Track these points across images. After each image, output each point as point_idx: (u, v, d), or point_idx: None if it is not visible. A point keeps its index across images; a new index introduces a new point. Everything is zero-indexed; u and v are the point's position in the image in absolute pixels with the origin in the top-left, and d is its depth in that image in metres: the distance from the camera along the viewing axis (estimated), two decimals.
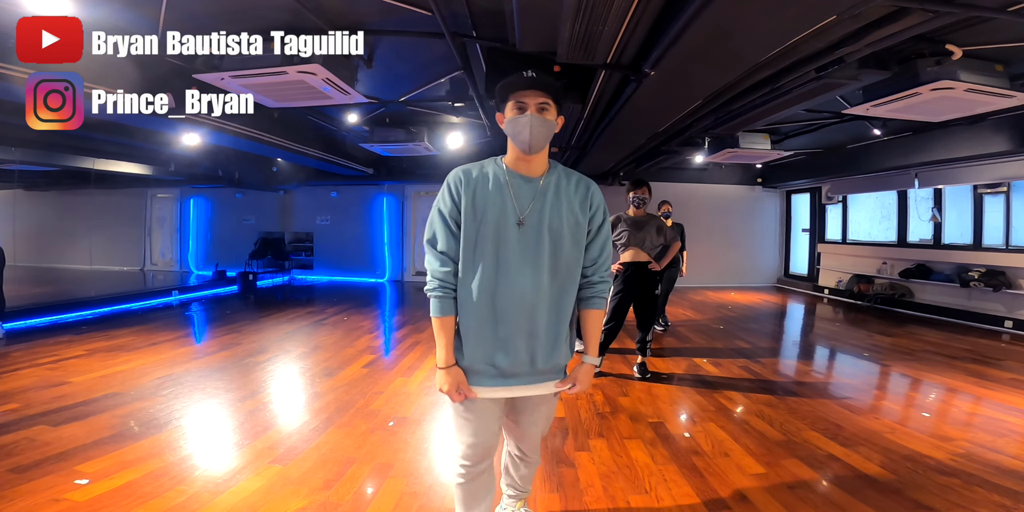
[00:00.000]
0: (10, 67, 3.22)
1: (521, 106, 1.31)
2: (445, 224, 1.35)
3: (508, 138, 1.36)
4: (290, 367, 3.93)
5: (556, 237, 1.33)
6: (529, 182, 1.36)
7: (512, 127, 1.32)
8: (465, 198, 1.33)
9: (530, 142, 1.30)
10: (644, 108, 4.02)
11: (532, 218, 1.33)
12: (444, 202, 1.36)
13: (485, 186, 1.34)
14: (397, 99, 5.06)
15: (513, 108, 1.32)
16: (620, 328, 3.68)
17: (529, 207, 1.34)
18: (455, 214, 1.34)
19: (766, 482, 2.18)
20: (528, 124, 1.29)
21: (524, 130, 1.30)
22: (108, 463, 2.22)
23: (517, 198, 1.34)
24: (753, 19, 2.35)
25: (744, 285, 9.68)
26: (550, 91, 1.31)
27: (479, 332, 1.33)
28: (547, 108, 1.31)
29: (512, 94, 1.32)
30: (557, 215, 1.34)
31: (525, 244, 1.32)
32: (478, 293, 1.32)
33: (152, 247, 10.56)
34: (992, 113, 4.51)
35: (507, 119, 1.33)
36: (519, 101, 1.31)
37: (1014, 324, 5.60)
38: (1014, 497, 2.05)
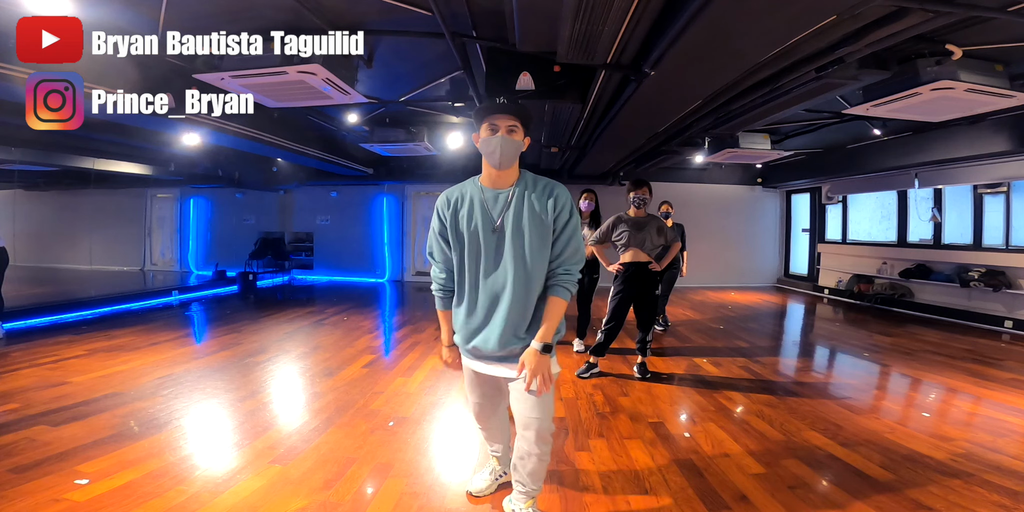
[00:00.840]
0: (10, 67, 3.22)
1: (494, 128, 1.54)
2: (438, 241, 1.69)
3: (482, 157, 1.59)
4: (290, 367, 3.93)
5: (521, 238, 1.57)
6: (500, 194, 1.61)
7: (485, 146, 1.55)
8: (450, 218, 1.63)
9: (500, 159, 1.54)
10: (644, 108, 4.02)
11: (504, 224, 1.58)
12: (435, 223, 1.68)
13: (464, 204, 1.62)
14: (397, 99, 5.06)
15: (487, 129, 1.55)
16: (620, 328, 3.68)
17: (500, 215, 1.58)
18: (444, 232, 1.66)
19: (766, 482, 2.18)
20: (499, 144, 1.53)
21: (496, 149, 1.53)
22: (108, 463, 2.22)
23: (491, 209, 1.60)
24: (753, 19, 2.35)
25: (744, 285, 9.68)
26: (518, 115, 1.55)
27: (464, 321, 1.68)
28: (515, 130, 1.55)
29: (487, 117, 1.55)
30: (521, 219, 1.57)
31: (497, 246, 1.59)
32: (466, 290, 1.65)
33: (152, 247, 10.56)
34: (992, 113, 4.51)
35: (481, 139, 1.57)
36: (492, 123, 1.54)
37: (1014, 324, 5.60)
38: (1014, 497, 2.05)
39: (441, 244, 1.67)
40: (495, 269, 1.59)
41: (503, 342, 1.62)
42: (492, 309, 1.61)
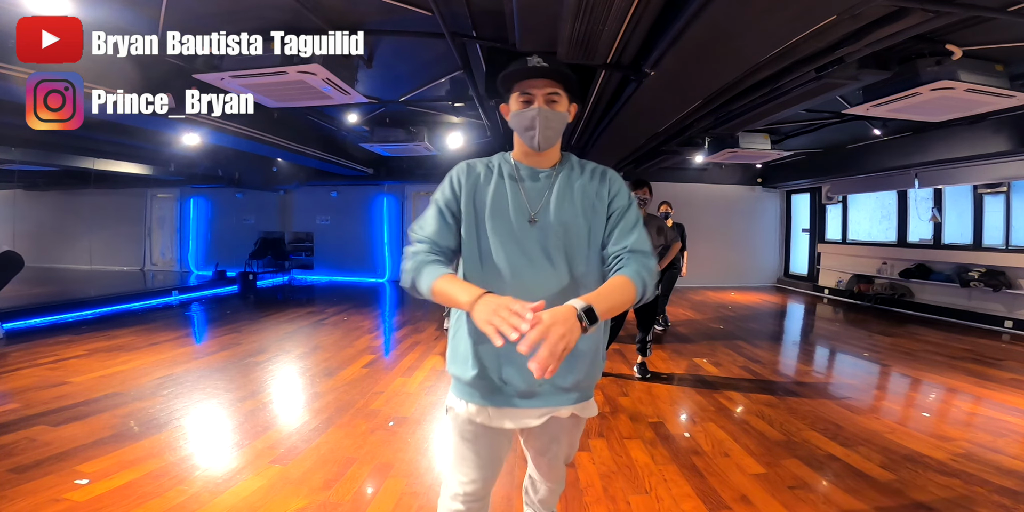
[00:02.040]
0: (10, 67, 3.22)
1: (527, 97, 1.13)
2: (439, 216, 1.16)
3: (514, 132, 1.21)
4: (290, 367, 3.93)
5: (570, 232, 1.15)
6: (540, 175, 1.20)
7: (518, 121, 1.15)
8: (467, 193, 1.17)
9: (538, 139, 1.14)
10: (644, 108, 4.02)
11: (544, 214, 1.15)
12: (443, 192, 1.19)
13: (491, 182, 1.18)
14: (397, 99, 5.06)
15: (518, 100, 1.15)
16: (620, 328, 3.68)
17: (541, 202, 1.17)
18: (453, 206, 1.17)
19: (766, 482, 2.18)
20: (536, 118, 1.12)
21: (533, 125, 1.13)
22: (108, 463, 2.22)
23: (527, 194, 1.18)
24: (753, 19, 2.35)
25: (744, 285, 9.68)
26: (560, 79, 1.13)
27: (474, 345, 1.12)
28: (557, 98, 1.14)
29: (517, 84, 1.15)
30: (571, 207, 1.16)
31: (538, 243, 1.14)
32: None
33: (152, 247, 10.56)
34: (992, 113, 4.51)
35: (512, 112, 1.16)
36: (525, 92, 1.13)
37: (1014, 324, 5.60)
38: (1014, 497, 2.05)
39: (444, 219, 1.16)
40: (530, 272, 1.12)
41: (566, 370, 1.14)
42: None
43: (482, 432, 1.17)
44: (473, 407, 1.15)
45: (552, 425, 1.21)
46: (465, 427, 1.17)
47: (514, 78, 1.15)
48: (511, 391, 1.13)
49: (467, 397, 1.16)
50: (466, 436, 1.18)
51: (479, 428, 1.16)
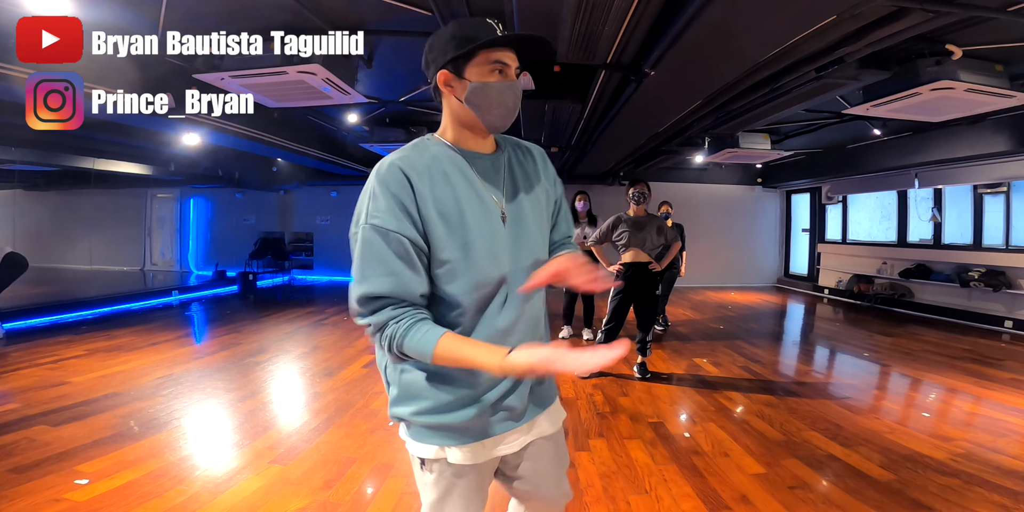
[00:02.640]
0: (10, 67, 3.22)
1: (502, 68, 0.92)
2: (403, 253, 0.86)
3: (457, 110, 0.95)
4: (290, 367, 3.93)
5: (533, 226, 1.01)
6: (492, 161, 1.00)
7: (489, 95, 0.91)
8: (422, 206, 0.88)
9: (509, 119, 0.95)
10: (644, 108, 4.02)
11: (511, 208, 0.98)
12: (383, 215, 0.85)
13: (446, 179, 0.92)
14: (397, 99, 5.06)
15: (490, 71, 0.91)
16: (620, 328, 3.68)
17: (502, 196, 0.98)
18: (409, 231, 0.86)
19: (766, 482, 2.18)
20: (515, 94, 0.94)
21: (508, 101, 0.93)
22: (108, 463, 2.22)
23: (489, 186, 0.96)
24: (753, 19, 2.35)
25: (744, 285, 9.68)
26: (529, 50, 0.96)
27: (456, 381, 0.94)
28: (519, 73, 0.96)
29: (485, 51, 0.91)
30: (530, 194, 1.02)
31: (517, 245, 0.97)
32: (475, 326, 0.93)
33: (152, 247, 10.55)
34: (992, 113, 4.51)
35: (476, 84, 0.91)
36: (498, 61, 0.91)
37: (1014, 324, 5.60)
38: (1014, 497, 2.05)
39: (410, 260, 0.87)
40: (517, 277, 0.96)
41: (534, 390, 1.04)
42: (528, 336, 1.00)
43: (474, 476, 0.99)
44: (469, 448, 0.96)
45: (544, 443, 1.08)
46: (455, 477, 0.98)
47: (492, 42, 0.90)
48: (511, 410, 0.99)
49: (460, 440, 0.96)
50: (457, 484, 0.98)
51: (471, 471, 0.99)
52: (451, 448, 0.96)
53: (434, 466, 0.98)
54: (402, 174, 0.88)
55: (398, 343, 0.85)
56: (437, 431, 0.96)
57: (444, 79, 0.94)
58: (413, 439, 0.98)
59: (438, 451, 0.96)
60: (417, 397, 0.95)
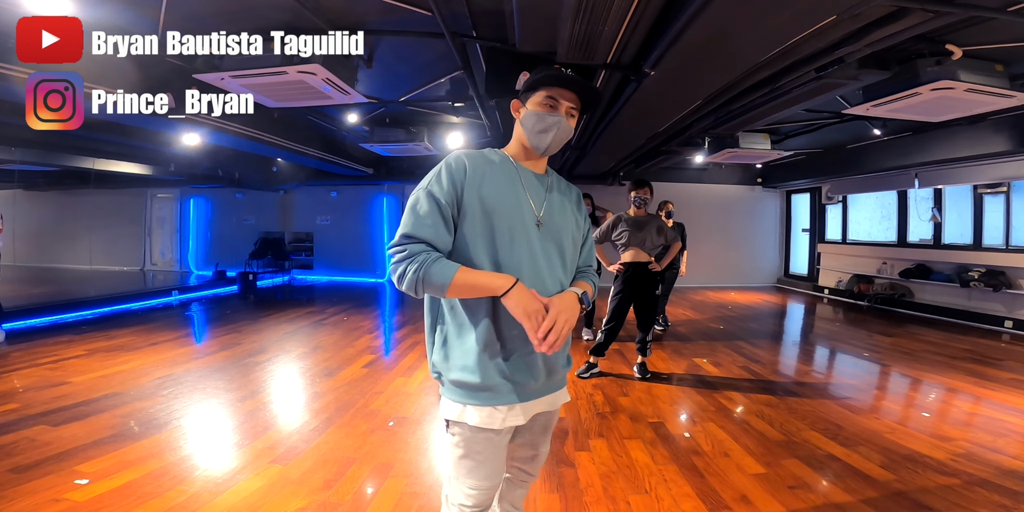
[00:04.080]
0: (10, 67, 3.22)
1: (553, 103, 1.18)
2: (438, 211, 1.10)
3: (518, 131, 1.24)
4: (290, 367, 3.93)
5: (564, 242, 1.22)
6: (538, 179, 1.24)
7: (535, 121, 1.19)
8: (469, 186, 1.13)
9: (549, 144, 1.20)
10: (644, 108, 4.02)
11: (547, 219, 1.20)
12: (440, 185, 1.12)
13: (496, 177, 1.17)
14: (397, 99, 5.06)
15: (543, 103, 1.19)
16: (620, 328, 3.68)
17: (543, 207, 1.20)
18: (452, 201, 1.12)
19: (766, 482, 2.18)
20: (556, 126, 1.18)
21: (550, 130, 1.19)
22: (108, 463, 2.23)
23: (531, 196, 1.20)
24: (753, 19, 2.35)
25: (744, 285, 9.68)
26: (586, 98, 1.21)
27: (491, 345, 1.13)
28: (574, 114, 1.22)
29: (548, 87, 1.19)
30: (565, 218, 1.24)
31: (542, 249, 1.17)
32: (490, 303, 1.12)
33: (152, 247, 10.56)
34: (992, 113, 4.51)
35: (530, 111, 1.20)
36: (552, 97, 1.18)
37: (1014, 324, 5.60)
38: (1014, 497, 2.05)
39: (442, 218, 1.11)
40: (537, 276, 1.15)
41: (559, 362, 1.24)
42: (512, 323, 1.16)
43: (491, 438, 1.15)
44: (485, 411, 1.13)
45: (543, 417, 1.27)
46: (475, 437, 1.14)
47: (549, 81, 1.19)
48: (521, 386, 1.16)
49: (479, 401, 1.13)
50: (475, 447, 1.15)
51: (489, 435, 1.15)
52: (470, 408, 1.13)
53: (456, 427, 1.16)
54: (464, 163, 1.16)
55: (425, 269, 1.05)
56: (460, 389, 1.14)
57: (515, 107, 1.25)
58: (444, 396, 1.18)
59: (460, 412, 1.14)
60: (450, 355, 1.16)
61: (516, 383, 1.15)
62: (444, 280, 1.05)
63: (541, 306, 1.07)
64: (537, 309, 1.06)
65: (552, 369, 1.21)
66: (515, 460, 1.35)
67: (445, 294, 1.07)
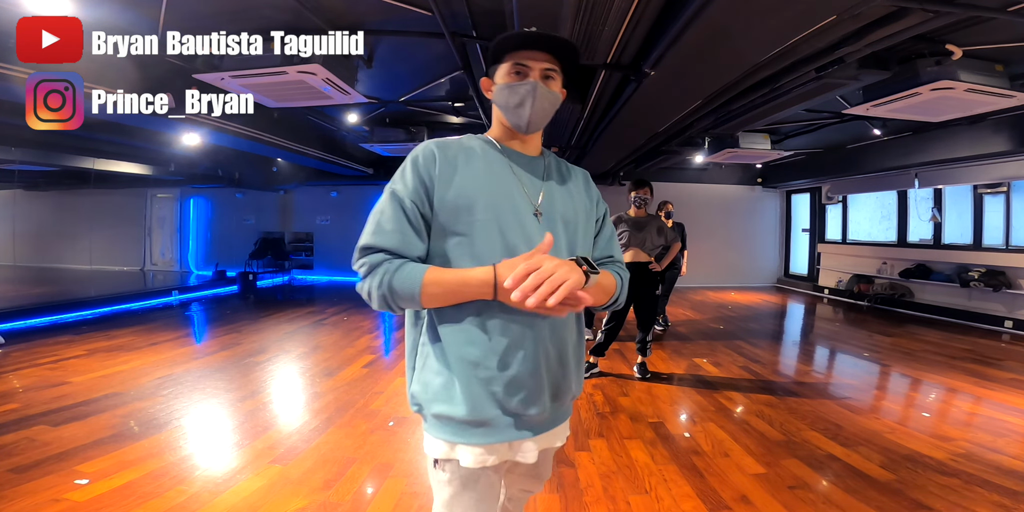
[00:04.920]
0: (10, 67, 3.22)
1: (520, 70, 0.99)
2: (402, 214, 0.92)
3: (496, 112, 1.05)
4: (290, 367, 3.93)
5: (572, 231, 1.03)
6: (531, 161, 1.05)
7: (506, 97, 0.99)
8: (441, 180, 0.94)
9: (529, 118, 0.99)
10: (644, 108, 4.02)
11: (547, 207, 1.01)
12: (405, 182, 0.94)
13: (476, 165, 0.98)
14: (397, 99, 5.06)
15: (510, 72, 0.99)
16: (620, 328, 3.68)
17: (541, 194, 1.01)
18: (422, 200, 0.93)
19: (766, 482, 2.18)
20: (530, 95, 0.97)
21: (525, 102, 0.98)
22: (108, 463, 2.22)
23: (524, 183, 1.01)
24: (753, 19, 2.35)
25: (744, 285, 9.68)
26: (561, 55, 1.00)
27: (484, 368, 0.92)
28: (553, 76, 1.00)
29: (509, 53, 0.99)
30: (570, 203, 1.05)
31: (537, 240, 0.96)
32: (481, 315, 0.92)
33: (152, 247, 10.55)
34: (992, 113, 4.52)
35: (499, 86, 1.00)
36: (519, 63, 0.98)
37: (1014, 324, 5.60)
38: (1014, 497, 2.05)
39: (409, 221, 0.93)
40: None
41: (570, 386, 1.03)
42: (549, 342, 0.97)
43: (489, 476, 0.98)
44: (479, 451, 0.94)
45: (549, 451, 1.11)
46: (470, 476, 0.96)
47: (509, 46, 0.99)
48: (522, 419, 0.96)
49: (471, 440, 0.93)
50: (468, 485, 0.97)
51: (487, 472, 0.97)
52: (461, 447, 0.94)
53: (447, 466, 0.96)
54: (434, 153, 0.97)
55: (389, 278, 0.88)
56: (447, 426, 0.94)
57: (485, 86, 1.05)
58: (428, 432, 0.98)
59: (448, 450, 0.95)
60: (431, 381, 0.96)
61: (516, 415, 0.94)
62: (413, 286, 0.87)
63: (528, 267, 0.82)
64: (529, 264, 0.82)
65: (558, 393, 1.00)
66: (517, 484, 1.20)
67: (420, 304, 0.89)
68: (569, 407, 1.09)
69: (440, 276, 0.89)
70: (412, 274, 0.88)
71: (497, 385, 0.93)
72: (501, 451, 0.96)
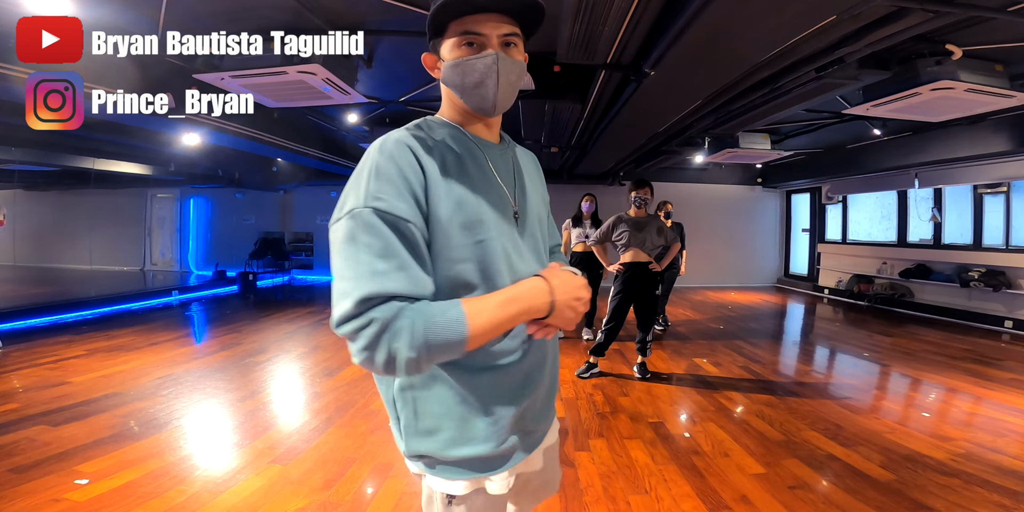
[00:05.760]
0: (10, 67, 3.22)
1: (473, 39, 0.79)
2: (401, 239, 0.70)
3: (447, 94, 0.85)
4: (290, 367, 3.93)
5: (541, 228, 0.94)
6: (503, 154, 0.89)
7: (461, 75, 0.80)
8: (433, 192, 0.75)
9: (495, 98, 0.80)
10: (644, 108, 4.02)
11: (522, 206, 0.88)
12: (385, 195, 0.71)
13: (459, 164, 0.80)
14: (397, 99, 5.06)
15: (460, 45, 0.79)
16: (620, 328, 3.68)
17: (515, 190, 0.87)
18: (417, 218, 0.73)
19: (766, 482, 2.18)
20: (492, 70, 0.78)
21: (486, 80, 0.78)
22: (108, 463, 2.22)
23: (503, 180, 0.86)
24: (753, 19, 2.35)
25: (744, 285, 9.68)
26: (521, 15, 0.80)
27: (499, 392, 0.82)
28: (515, 42, 0.81)
29: (455, 21, 0.79)
30: (536, 195, 0.94)
31: (529, 247, 0.88)
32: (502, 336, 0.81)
33: (152, 247, 10.55)
34: (992, 113, 4.51)
35: (449, 63, 0.80)
36: (470, 32, 0.78)
37: (1014, 324, 5.60)
38: (1014, 497, 2.05)
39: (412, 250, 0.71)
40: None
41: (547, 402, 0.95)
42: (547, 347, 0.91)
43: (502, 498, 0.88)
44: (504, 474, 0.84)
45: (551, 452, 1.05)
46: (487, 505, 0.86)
47: (453, 12, 0.77)
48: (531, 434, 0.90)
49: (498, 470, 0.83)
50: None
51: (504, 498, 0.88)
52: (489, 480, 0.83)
53: (465, 501, 0.83)
54: (412, 154, 0.75)
55: (422, 333, 0.65)
56: (472, 464, 0.81)
57: (428, 63, 0.85)
58: (440, 476, 0.82)
59: (470, 486, 0.82)
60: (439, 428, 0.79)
61: (531, 432, 0.88)
62: (460, 333, 0.67)
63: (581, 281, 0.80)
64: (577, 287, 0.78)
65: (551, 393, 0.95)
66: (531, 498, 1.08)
67: (463, 352, 0.70)
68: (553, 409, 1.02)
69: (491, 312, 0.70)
70: (448, 317, 0.67)
71: (521, 407, 0.84)
72: (518, 469, 0.89)
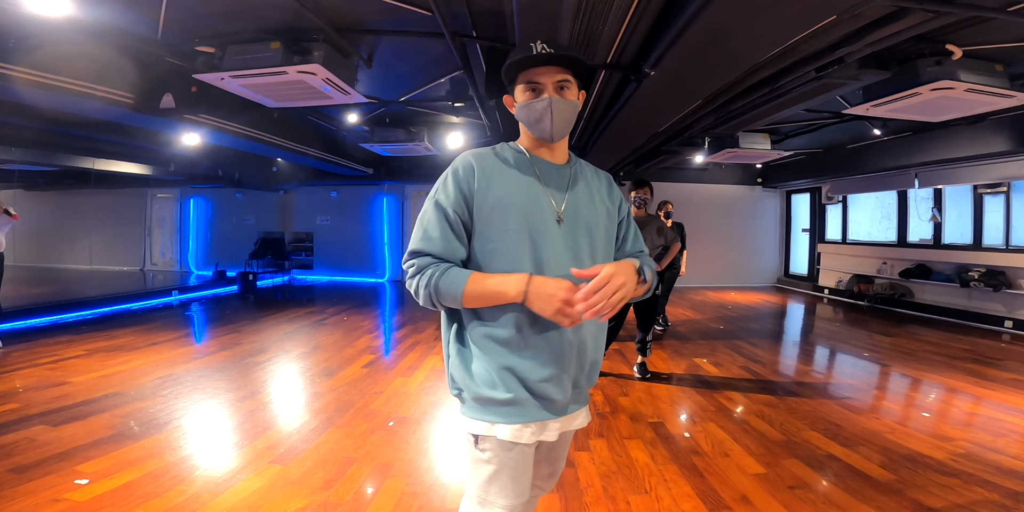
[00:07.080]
0: (10, 67, 3.22)
1: (535, 87, 1.07)
2: (446, 223, 1.04)
3: (521, 126, 1.14)
4: (290, 367, 3.93)
5: (594, 235, 1.13)
6: (558, 170, 1.14)
7: (527, 113, 1.09)
8: (479, 190, 1.05)
9: (551, 131, 1.08)
10: (644, 108, 4.01)
11: (569, 213, 1.10)
12: (447, 193, 1.05)
13: (508, 176, 1.08)
14: (397, 99, 5.06)
15: (525, 91, 1.08)
16: (620, 328, 3.68)
17: (565, 200, 1.11)
18: (463, 209, 1.05)
19: (766, 482, 2.18)
20: (548, 110, 1.06)
21: (544, 117, 1.07)
22: (108, 463, 2.23)
23: (550, 190, 1.10)
24: (753, 19, 2.35)
25: (744, 285, 9.68)
26: (569, 65, 1.07)
27: (517, 359, 1.05)
28: (567, 86, 1.07)
29: (522, 73, 1.08)
30: (592, 208, 1.14)
31: (566, 246, 1.08)
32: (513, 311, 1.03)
33: (152, 247, 10.56)
34: (992, 113, 4.51)
35: (519, 104, 1.10)
36: (532, 81, 1.07)
37: (1014, 324, 5.60)
38: (1014, 497, 2.05)
39: (452, 230, 1.05)
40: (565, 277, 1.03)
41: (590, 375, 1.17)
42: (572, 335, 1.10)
43: (524, 452, 1.07)
44: (515, 427, 1.05)
45: (567, 434, 1.21)
46: (508, 452, 1.06)
47: (520, 67, 1.07)
48: (549, 402, 1.07)
49: (506, 418, 1.05)
50: (508, 462, 1.06)
51: (522, 448, 1.06)
52: (499, 425, 1.05)
53: (486, 443, 1.06)
54: (472, 165, 1.07)
55: (435, 282, 1.01)
56: (486, 407, 1.06)
57: (508, 103, 1.15)
58: (467, 415, 1.09)
59: (489, 427, 1.05)
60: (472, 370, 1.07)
61: (543, 399, 1.07)
62: (456, 290, 1.00)
63: (563, 284, 0.97)
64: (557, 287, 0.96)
65: (578, 380, 1.13)
66: (534, 477, 1.23)
67: (462, 305, 1.02)
68: (587, 395, 1.20)
69: (480, 283, 1.01)
70: (456, 279, 1.01)
71: (528, 372, 1.05)
72: (532, 430, 1.06)
